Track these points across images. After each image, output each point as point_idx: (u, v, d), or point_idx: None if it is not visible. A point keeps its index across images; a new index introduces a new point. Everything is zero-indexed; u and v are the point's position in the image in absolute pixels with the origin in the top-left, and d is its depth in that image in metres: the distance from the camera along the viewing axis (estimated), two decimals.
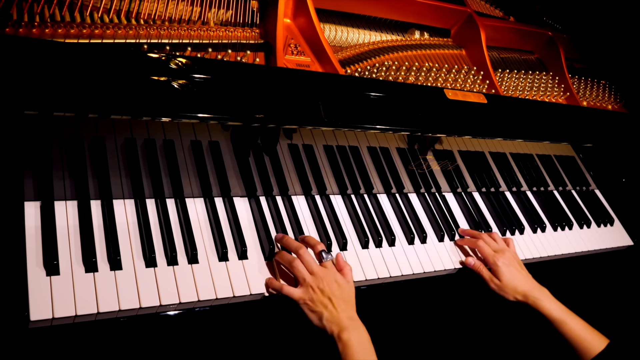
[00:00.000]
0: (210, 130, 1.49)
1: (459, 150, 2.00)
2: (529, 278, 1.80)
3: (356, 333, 1.41)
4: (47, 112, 1.17)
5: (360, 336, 1.42)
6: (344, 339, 1.39)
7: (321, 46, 1.79)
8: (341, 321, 1.43)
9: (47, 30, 1.41)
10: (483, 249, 1.84)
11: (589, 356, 1.61)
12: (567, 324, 1.66)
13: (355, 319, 1.46)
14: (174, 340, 1.48)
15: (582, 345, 1.63)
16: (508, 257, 1.82)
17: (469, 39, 2.32)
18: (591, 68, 2.88)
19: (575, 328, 1.66)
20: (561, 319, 1.67)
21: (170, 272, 1.41)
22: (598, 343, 1.62)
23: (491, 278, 1.80)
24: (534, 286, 1.76)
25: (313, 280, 1.49)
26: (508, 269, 1.78)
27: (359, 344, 1.40)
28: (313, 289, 1.47)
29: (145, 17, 1.60)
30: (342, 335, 1.40)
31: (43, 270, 1.28)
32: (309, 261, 1.52)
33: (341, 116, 1.57)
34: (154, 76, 1.32)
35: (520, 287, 1.75)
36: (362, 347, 1.40)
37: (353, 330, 1.41)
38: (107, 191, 1.46)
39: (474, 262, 1.83)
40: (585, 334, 1.64)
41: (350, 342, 1.39)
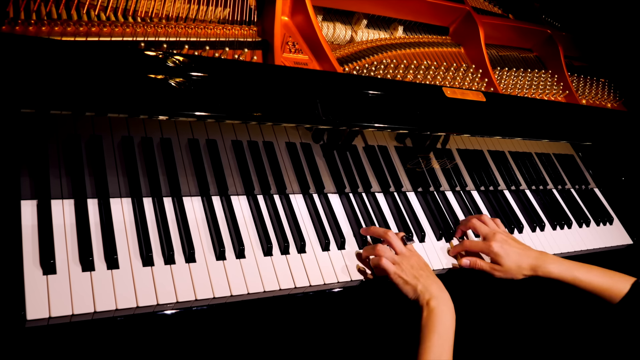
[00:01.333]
0: (207, 129, 1.48)
1: (458, 148, 2.00)
2: (526, 249, 1.79)
3: (444, 306, 1.49)
4: (44, 111, 1.17)
5: (447, 309, 1.49)
6: (432, 306, 1.48)
7: (319, 44, 1.78)
8: (433, 291, 1.52)
9: (44, 28, 1.40)
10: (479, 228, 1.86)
11: (617, 298, 1.62)
12: (582, 280, 1.69)
13: (445, 293, 1.54)
14: (171, 340, 1.48)
15: (605, 294, 1.66)
16: (501, 236, 1.80)
17: (467, 36, 2.32)
18: (590, 66, 2.88)
19: (591, 280, 1.69)
20: (574, 277, 1.70)
21: (167, 271, 1.40)
22: (622, 284, 1.64)
23: (492, 267, 1.78)
24: (535, 255, 1.77)
25: (401, 258, 1.61)
26: (504, 250, 1.76)
27: (443, 314, 1.47)
28: (405, 265, 1.59)
29: (142, 15, 1.59)
30: (431, 302, 1.49)
31: (40, 269, 1.27)
32: (396, 243, 1.66)
33: (339, 114, 1.56)
34: (151, 74, 1.31)
35: (524, 263, 1.75)
36: (445, 319, 1.46)
37: (442, 302, 1.50)
38: (104, 190, 1.45)
39: (468, 262, 1.82)
40: (605, 281, 1.67)
41: (437, 310, 1.47)
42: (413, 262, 1.60)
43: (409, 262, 1.59)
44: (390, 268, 1.59)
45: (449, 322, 1.46)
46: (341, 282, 1.62)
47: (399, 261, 1.60)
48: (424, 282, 1.54)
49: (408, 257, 1.62)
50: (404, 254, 1.62)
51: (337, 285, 1.62)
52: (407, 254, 1.63)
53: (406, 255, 1.62)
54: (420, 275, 1.56)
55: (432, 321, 1.45)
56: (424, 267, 1.61)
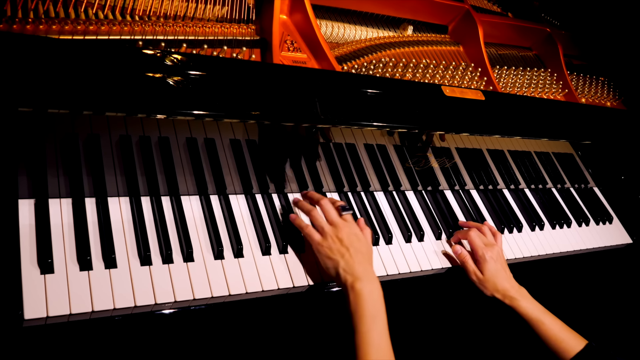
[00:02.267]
0: (205, 127, 1.48)
1: (457, 147, 1.99)
2: (510, 278, 1.78)
3: (370, 285, 1.41)
4: (42, 109, 1.17)
5: (373, 289, 1.41)
6: (357, 289, 1.40)
7: (318, 43, 1.78)
8: (356, 271, 1.43)
9: (42, 27, 1.40)
10: (474, 241, 1.81)
11: (568, 356, 1.61)
12: (545, 324, 1.65)
13: (370, 272, 1.46)
14: (169, 340, 1.47)
15: (561, 346, 1.62)
16: (496, 252, 1.80)
17: (466, 35, 2.31)
18: (590, 65, 2.88)
19: (552, 328, 1.65)
20: (538, 318, 1.66)
21: (165, 270, 1.40)
22: (576, 343, 1.61)
23: (474, 271, 1.77)
24: (513, 286, 1.74)
25: (332, 230, 1.52)
26: (493, 265, 1.76)
27: (371, 295, 1.39)
28: (332, 237, 1.50)
29: (140, 13, 1.59)
30: (356, 285, 1.40)
31: (37, 268, 1.27)
32: (329, 211, 1.55)
33: (338, 113, 1.56)
34: (149, 73, 1.31)
35: (500, 285, 1.73)
36: (373, 300, 1.39)
37: (367, 281, 1.41)
38: (102, 189, 1.44)
39: (460, 251, 1.82)
40: (563, 334, 1.63)
41: (363, 292, 1.39)
42: (342, 234, 1.50)
43: (337, 234, 1.50)
44: (314, 236, 1.52)
45: (378, 301, 1.40)
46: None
47: (328, 231, 1.51)
48: (348, 260, 1.46)
49: (340, 228, 1.51)
50: (337, 224, 1.52)
51: (336, 284, 1.62)
52: (340, 225, 1.52)
53: (338, 226, 1.52)
54: (344, 252, 1.47)
55: (361, 305, 1.37)
56: (354, 242, 1.50)
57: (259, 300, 1.51)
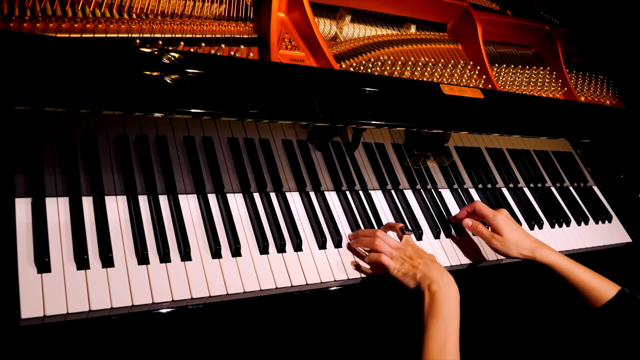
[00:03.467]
0: (203, 126, 1.47)
1: (455, 146, 1.99)
2: (529, 235, 1.79)
3: (445, 289, 1.46)
4: (38, 108, 1.16)
5: (449, 291, 1.46)
6: (432, 290, 1.46)
7: (316, 41, 1.77)
8: (432, 275, 1.50)
9: (39, 25, 1.39)
10: (482, 208, 1.83)
11: (600, 302, 1.63)
12: (575, 272, 1.68)
13: (446, 275, 1.51)
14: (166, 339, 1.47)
15: (592, 293, 1.65)
16: (506, 214, 1.81)
17: (465, 33, 2.31)
18: (589, 63, 2.87)
19: (583, 276, 1.68)
20: (569, 268, 1.69)
21: (162, 269, 1.40)
22: (609, 289, 1.64)
23: (492, 235, 1.78)
24: (536, 240, 1.77)
25: (397, 251, 1.60)
26: (508, 224, 1.77)
27: (445, 298, 1.44)
28: (401, 258, 1.59)
29: (138, 12, 1.58)
30: (432, 287, 1.46)
31: (34, 267, 1.26)
32: (388, 239, 1.64)
33: (336, 111, 1.55)
34: (146, 71, 1.30)
35: (523, 242, 1.75)
36: (447, 302, 1.43)
37: (443, 285, 1.47)
38: (99, 187, 1.44)
39: (471, 223, 1.83)
40: (595, 281, 1.67)
41: (438, 294, 1.44)
42: (409, 252, 1.59)
43: (404, 254, 1.59)
44: (389, 264, 1.58)
45: (452, 304, 1.44)
46: (338, 281, 1.62)
47: (396, 255, 1.59)
48: (422, 269, 1.52)
49: (403, 248, 1.61)
50: (399, 247, 1.62)
51: (334, 283, 1.62)
52: (402, 246, 1.62)
53: (401, 248, 1.61)
54: (418, 264, 1.55)
55: (434, 306, 1.42)
56: (421, 254, 1.59)
57: (257, 300, 1.51)
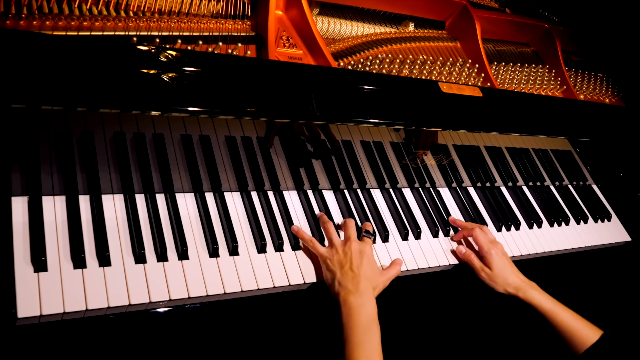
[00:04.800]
0: (200, 124, 1.47)
1: (454, 144, 1.98)
2: (518, 273, 1.79)
3: (361, 299, 1.43)
4: (35, 106, 1.16)
5: (366, 303, 1.42)
6: (349, 302, 1.42)
7: (314, 38, 1.77)
8: (351, 286, 1.45)
9: (35, 23, 1.39)
10: (479, 238, 1.83)
11: (583, 347, 1.61)
12: (559, 315, 1.66)
13: (367, 289, 1.47)
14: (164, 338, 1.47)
15: (575, 337, 1.63)
16: (500, 248, 1.82)
17: (464, 31, 2.30)
18: (588, 61, 2.87)
19: (567, 319, 1.66)
20: (553, 310, 1.67)
21: (160, 268, 1.39)
22: (592, 334, 1.62)
23: (482, 267, 1.79)
24: (524, 280, 1.76)
25: (341, 243, 1.57)
26: (500, 260, 1.78)
27: (362, 308, 1.40)
28: (337, 249, 1.55)
29: (135, 9, 1.58)
30: (348, 298, 1.42)
31: (31, 266, 1.26)
32: (349, 227, 1.63)
33: (334, 110, 1.55)
34: (143, 69, 1.30)
35: (511, 279, 1.75)
36: (365, 314, 1.40)
37: (359, 296, 1.43)
38: (96, 186, 1.44)
39: (465, 251, 1.83)
40: (578, 325, 1.65)
41: (354, 305, 1.40)
42: (351, 249, 1.54)
43: (343, 248, 1.55)
44: (317, 248, 1.57)
45: (370, 316, 1.41)
46: None
47: (335, 243, 1.57)
48: (346, 274, 1.49)
49: (350, 242, 1.56)
50: (350, 239, 1.58)
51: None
52: (352, 240, 1.57)
53: (350, 241, 1.57)
54: (346, 263, 1.51)
55: (352, 316, 1.39)
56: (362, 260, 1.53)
57: (255, 299, 1.51)
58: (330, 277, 1.51)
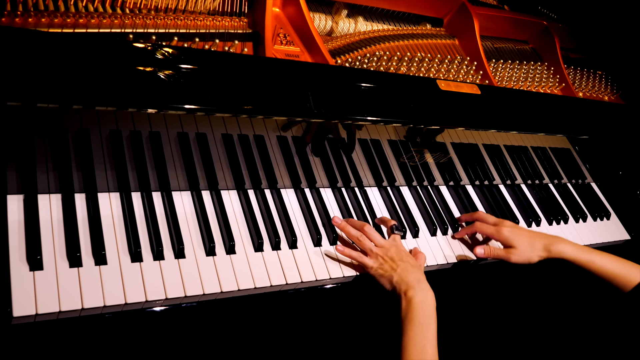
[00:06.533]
0: (197, 122, 1.46)
1: (452, 142, 1.98)
2: (538, 233, 1.78)
3: (422, 294, 1.46)
4: (31, 104, 1.15)
5: (426, 297, 1.46)
6: (409, 296, 1.45)
7: (311, 36, 1.76)
8: (409, 280, 1.49)
9: (31, 20, 1.38)
10: (484, 229, 1.82)
11: (630, 286, 1.62)
12: (596, 263, 1.67)
13: (423, 282, 1.51)
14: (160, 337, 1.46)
15: (618, 280, 1.64)
16: (509, 224, 1.80)
17: (462, 28, 2.30)
18: (587, 58, 2.86)
19: (604, 265, 1.67)
20: (588, 259, 1.69)
21: (156, 267, 1.39)
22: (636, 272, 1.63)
23: (507, 252, 1.76)
24: (547, 236, 1.76)
25: (380, 250, 1.59)
26: (516, 233, 1.76)
27: (422, 303, 1.44)
28: (382, 257, 1.57)
29: (131, 6, 1.57)
30: (408, 293, 1.46)
31: (26, 265, 1.26)
32: (374, 235, 1.62)
33: (331, 107, 1.54)
34: (139, 66, 1.30)
35: (537, 243, 1.74)
36: (424, 308, 1.43)
37: (419, 290, 1.46)
38: (92, 184, 1.43)
39: (483, 251, 1.80)
40: (619, 268, 1.66)
41: (414, 299, 1.44)
42: (391, 253, 1.57)
43: (386, 254, 1.57)
44: (367, 262, 1.58)
45: (429, 310, 1.44)
46: (334, 278, 1.61)
47: (377, 253, 1.58)
48: (400, 273, 1.51)
49: (387, 248, 1.59)
50: (383, 246, 1.60)
51: (329, 281, 1.61)
52: (387, 246, 1.60)
53: (385, 247, 1.59)
54: (397, 266, 1.54)
55: (411, 311, 1.42)
56: (404, 257, 1.57)
57: (251, 298, 1.50)
58: (387, 282, 1.53)
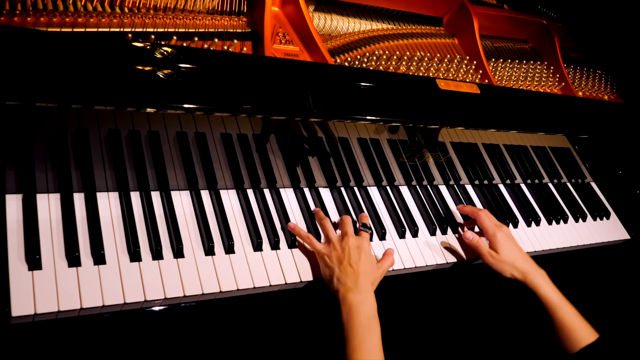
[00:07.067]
0: (196, 121, 1.46)
1: (452, 141, 1.98)
2: (529, 258, 1.77)
3: (361, 296, 1.42)
4: (29, 103, 1.15)
5: (366, 301, 1.42)
6: (348, 300, 1.41)
7: (310, 35, 1.76)
8: (350, 283, 1.44)
9: (29, 19, 1.38)
10: (484, 220, 1.82)
11: (577, 346, 1.60)
12: (562, 310, 1.65)
13: (366, 286, 1.46)
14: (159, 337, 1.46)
15: (573, 335, 1.62)
16: (507, 231, 1.80)
17: (461, 27, 2.29)
18: (587, 57, 2.86)
19: (568, 316, 1.64)
20: (557, 304, 1.66)
21: (155, 266, 1.39)
22: (588, 334, 1.61)
23: (489, 252, 1.76)
24: (533, 266, 1.73)
25: (338, 239, 1.56)
26: (506, 242, 1.76)
27: (362, 306, 1.40)
28: (334, 245, 1.54)
29: (130, 5, 1.57)
30: (347, 296, 1.42)
31: (25, 264, 1.25)
32: (346, 224, 1.62)
33: (331, 107, 1.54)
34: (138, 66, 1.29)
35: (519, 264, 1.72)
36: (365, 312, 1.39)
37: (359, 293, 1.42)
38: (91, 184, 1.43)
39: (472, 236, 1.80)
40: (578, 324, 1.63)
41: (353, 303, 1.40)
42: (349, 244, 1.53)
43: (341, 244, 1.54)
44: (315, 245, 1.56)
45: (370, 314, 1.40)
46: None
47: (332, 239, 1.56)
48: (345, 270, 1.47)
49: (348, 238, 1.55)
50: (347, 234, 1.57)
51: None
52: (350, 236, 1.56)
53: (347, 236, 1.56)
54: (344, 260, 1.50)
55: (352, 315, 1.38)
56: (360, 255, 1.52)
57: (251, 297, 1.50)
58: (328, 274, 1.50)
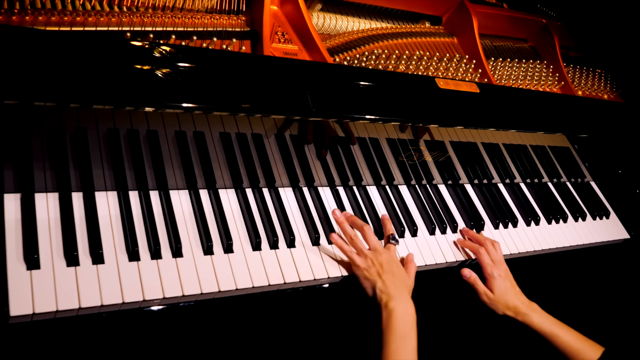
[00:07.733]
0: (195, 120, 1.46)
1: (451, 141, 1.97)
2: (520, 294, 1.77)
3: (403, 305, 1.48)
4: (28, 102, 1.15)
5: (407, 310, 1.48)
6: (390, 307, 1.46)
7: (309, 34, 1.76)
8: (391, 291, 1.50)
9: (28, 18, 1.39)
10: (483, 259, 1.81)
11: None
12: (560, 337, 1.66)
13: (405, 295, 1.53)
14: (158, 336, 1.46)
15: (579, 357, 1.63)
16: (504, 270, 1.80)
17: (460, 26, 2.29)
18: (586, 57, 2.86)
19: (568, 340, 1.66)
20: (552, 332, 1.67)
21: (154, 266, 1.38)
22: (593, 352, 1.63)
23: (485, 292, 1.77)
24: (524, 302, 1.75)
25: (372, 253, 1.59)
26: (503, 283, 1.76)
27: (403, 316, 1.45)
28: (371, 260, 1.57)
29: (129, 4, 1.57)
30: (389, 304, 1.47)
31: (23, 264, 1.25)
32: (371, 237, 1.63)
33: (330, 106, 1.54)
34: (137, 65, 1.29)
35: (511, 303, 1.73)
36: (405, 320, 1.45)
37: (401, 301, 1.48)
38: (89, 183, 1.43)
39: (469, 275, 1.80)
40: (579, 345, 1.65)
41: (396, 311, 1.45)
42: (382, 259, 1.58)
43: (377, 259, 1.57)
44: (356, 259, 1.59)
45: (410, 322, 1.45)
46: (332, 277, 1.60)
47: (367, 255, 1.59)
48: (385, 281, 1.53)
49: (379, 253, 1.59)
50: (377, 250, 1.60)
51: (327, 280, 1.61)
52: (380, 250, 1.60)
53: (378, 251, 1.60)
54: (383, 273, 1.55)
55: (392, 323, 1.43)
56: (393, 269, 1.58)
57: (250, 297, 1.50)
58: (370, 286, 1.55)
